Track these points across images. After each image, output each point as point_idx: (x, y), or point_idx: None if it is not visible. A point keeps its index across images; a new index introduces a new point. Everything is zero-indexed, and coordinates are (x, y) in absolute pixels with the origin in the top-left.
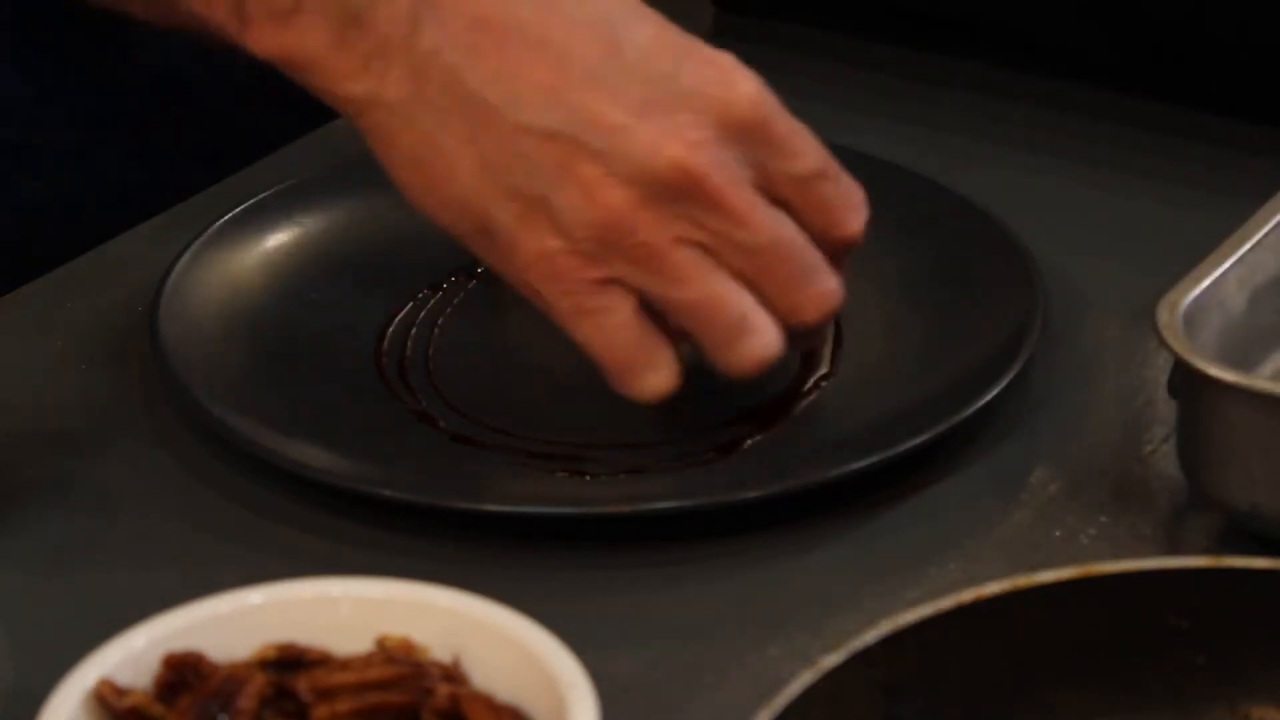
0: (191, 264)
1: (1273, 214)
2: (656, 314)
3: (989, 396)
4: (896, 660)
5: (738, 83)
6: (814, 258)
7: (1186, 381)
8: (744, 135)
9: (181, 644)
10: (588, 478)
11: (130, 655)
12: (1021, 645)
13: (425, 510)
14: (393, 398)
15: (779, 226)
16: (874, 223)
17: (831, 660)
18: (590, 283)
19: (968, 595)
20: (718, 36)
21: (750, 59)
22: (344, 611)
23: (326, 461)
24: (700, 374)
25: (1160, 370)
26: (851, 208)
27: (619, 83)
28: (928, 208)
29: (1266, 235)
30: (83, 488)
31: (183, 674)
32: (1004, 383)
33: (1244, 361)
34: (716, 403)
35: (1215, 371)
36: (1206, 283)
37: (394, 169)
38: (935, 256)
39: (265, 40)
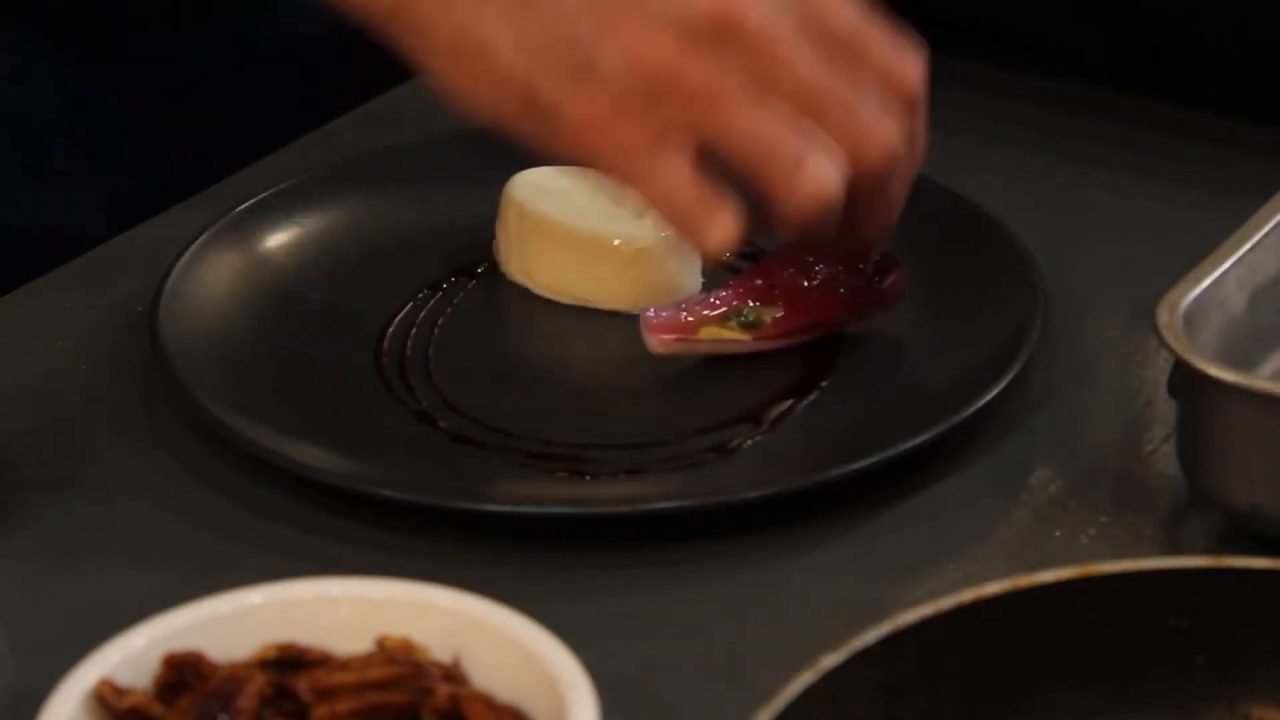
0: (191, 264)
1: (1273, 214)
2: (716, 172)
3: (989, 396)
4: (896, 660)
5: None
6: (868, 102)
7: (1186, 381)
8: None
9: (181, 644)
10: (588, 478)
11: (130, 655)
12: (1021, 645)
13: (425, 510)
14: (393, 398)
15: (826, 69)
16: None
17: (831, 660)
18: (644, 143)
19: (968, 595)
20: None
21: None
22: (344, 611)
23: (326, 461)
24: (700, 375)
25: (1160, 370)
26: (900, 55)
27: None
28: (928, 208)
29: (1266, 235)
30: (83, 487)
31: (183, 674)
32: (1004, 383)
33: (1244, 361)
34: (716, 403)
35: (1215, 371)
36: (1206, 283)
37: (434, 63)
38: (935, 256)
39: None
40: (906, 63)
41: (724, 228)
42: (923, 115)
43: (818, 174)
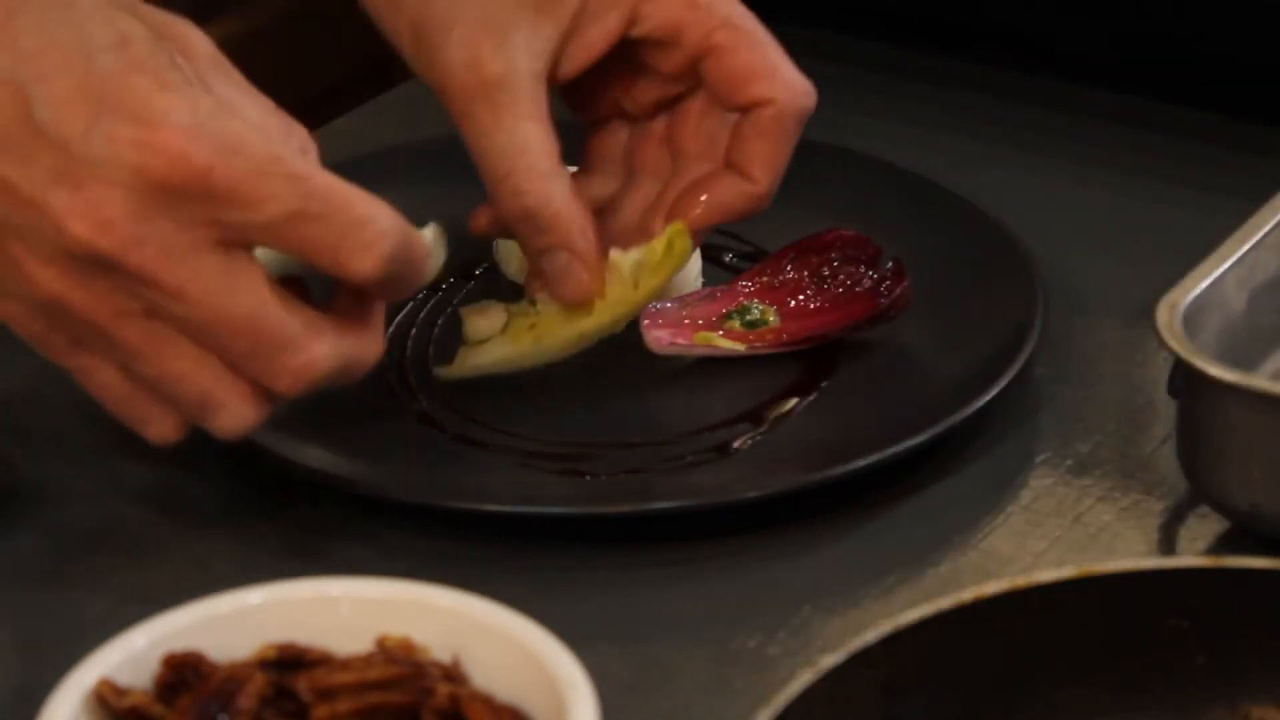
0: None
1: (1273, 214)
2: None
3: (989, 396)
4: (896, 660)
5: (157, 141)
6: (283, 327)
7: (1186, 381)
8: (176, 196)
9: (181, 644)
10: (588, 478)
11: (130, 655)
12: (1021, 645)
13: (425, 510)
14: (393, 398)
15: (230, 298)
16: (874, 223)
17: (831, 660)
18: (63, 347)
19: (968, 595)
20: None
21: None
22: (344, 611)
23: (327, 461)
24: (700, 375)
25: (1160, 370)
26: (353, 245)
27: (28, 150)
28: (928, 208)
29: (1266, 235)
30: (82, 487)
31: (183, 674)
32: (1004, 383)
33: (1244, 361)
34: (716, 403)
35: (1215, 371)
36: (1206, 283)
37: None
38: (935, 256)
39: None
40: (356, 250)
41: (159, 430)
42: None
43: (228, 415)
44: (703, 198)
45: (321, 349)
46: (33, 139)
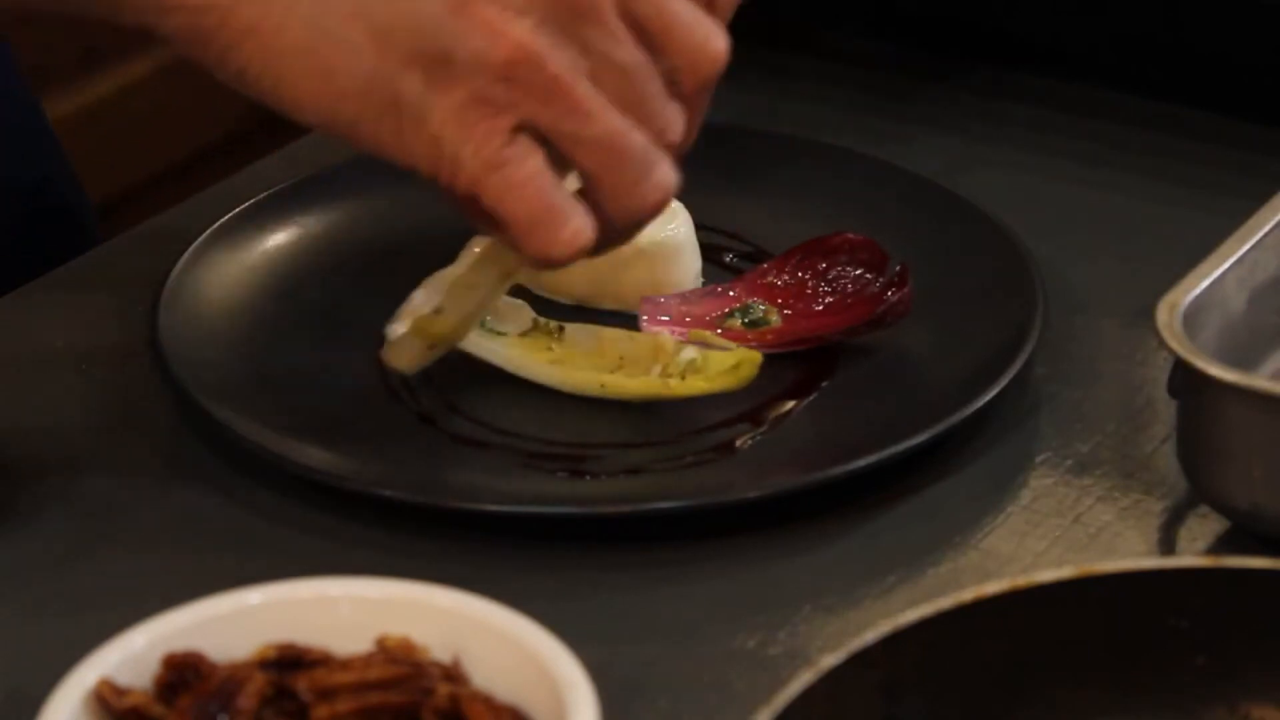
0: (191, 264)
1: (1273, 214)
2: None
3: (989, 396)
4: (896, 660)
5: None
6: (665, 93)
7: (1186, 381)
8: None
9: (181, 644)
10: (588, 478)
11: (130, 655)
12: (1021, 645)
13: (425, 510)
14: (393, 398)
15: (640, 56)
16: (875, 223)
17: (831, 660)
18: (501, 132)
19: (967, 595)
20: None
21: (751, 59)
22: (344, 611)
23: (326, 461)
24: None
25: (1160, 370)
26: (705, 33)
27: None
28: (928, 208)
29: (1266, 235)
30: (83, 488)
31: (183, 674)
32: (1004, 383)
33: (1244, 361)
34: (716, 403)
35: (1215, 371)
36: (1206, 283)
37: (282, 73)
38: (935, 256)
39: None
40: (706, 34)
41: (577, 231)
42: (709, 96)
43: (663, 179)
44: None
45: (679, 117)
46: None
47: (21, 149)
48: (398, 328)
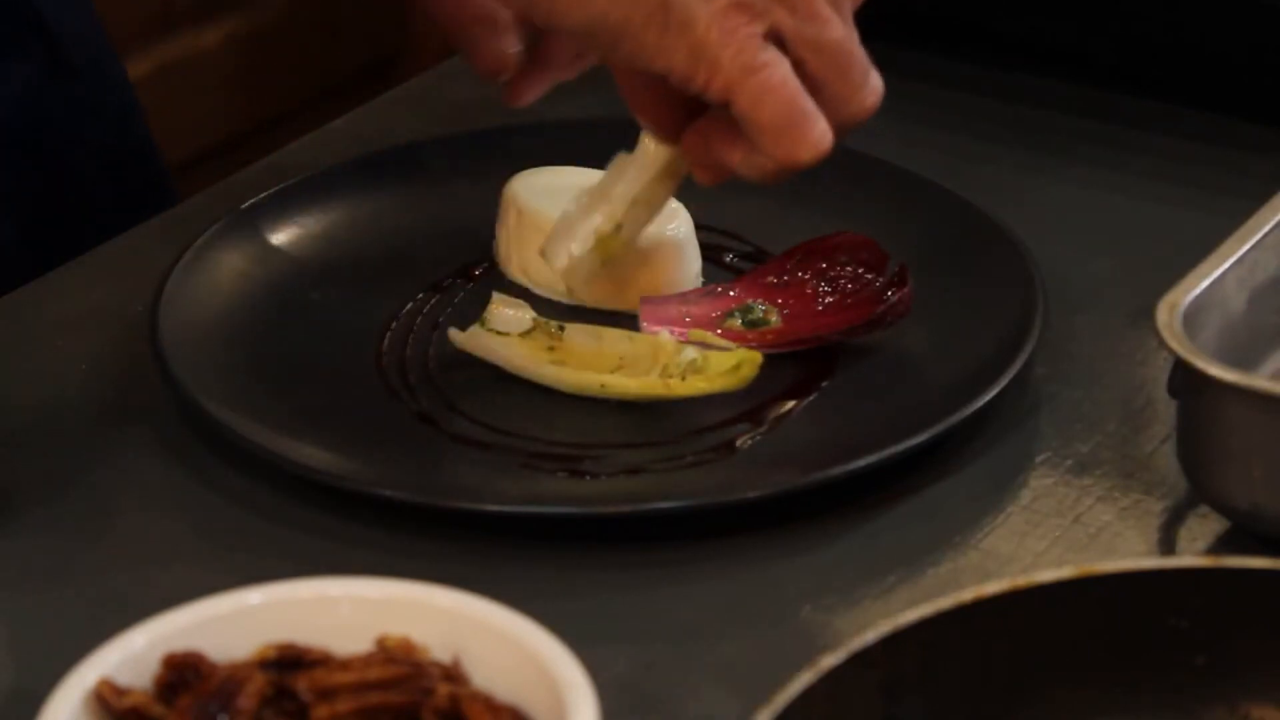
0: (191, 264)
1: (1273, 214)
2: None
3: (989, 396)
4: (896, 660)
5: None
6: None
7: (1186, 381)
8: None
9: (181, 644)
10: (588, 478)
11: (130, 655)
12: (1021, 645)
13: (425, 510)
14: (393, 398)
15: None
16: (875, 223)
17: (831, 660)
18: (758, 37)
19: (967, 595)
20: None
21: None
22: (344, 611)
23: (326, 461)
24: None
25: (1160, 370)
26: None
27: None
28: (928, 208)
29: (1266, 235)
30: (83, 487)
31: (183, 674)
32: (1004, 383)
33: (1244, 361)
34: (716, 403)
35: (1215, 371)
36: (1206, 283)
37: None
38: (935, 256)
39: None
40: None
41: (824, 133)
42: None
43: (878, 85)
44: None
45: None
46: None
47: (109, 110)
48: (561, 250)
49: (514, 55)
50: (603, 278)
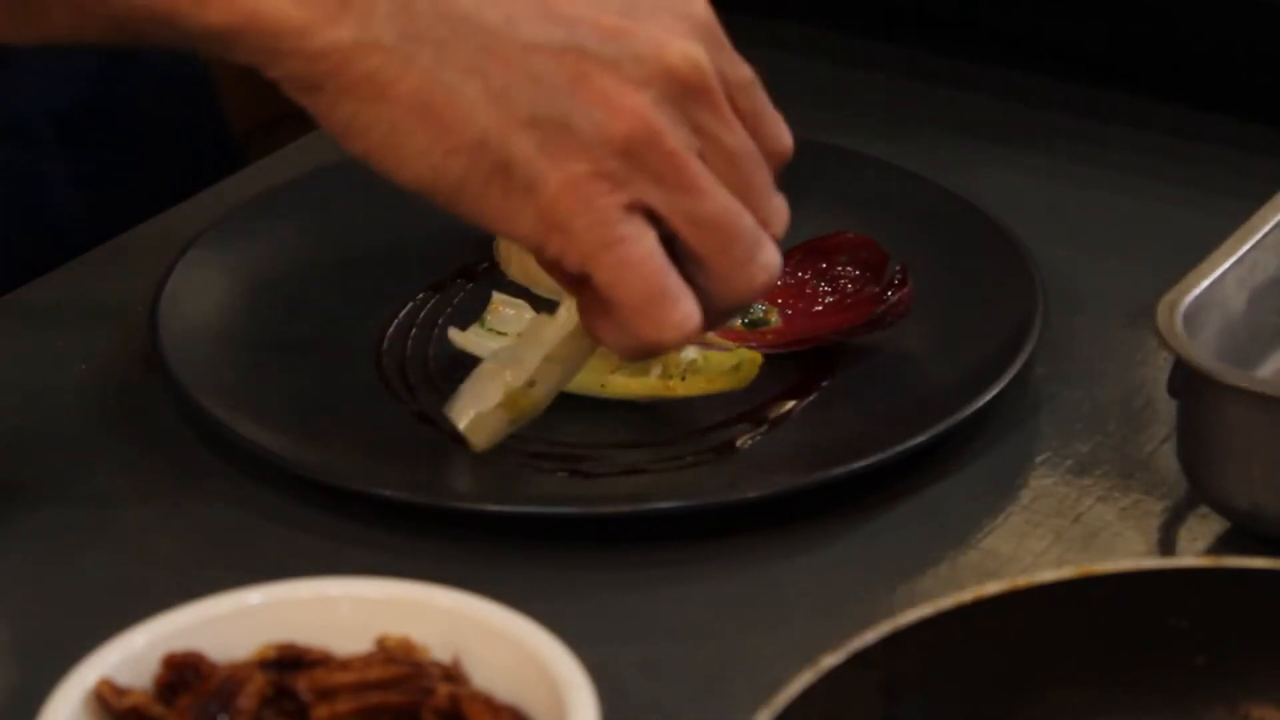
0: (191, 264)
1: (1273, 214)
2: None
3: (989, 396)
4: (896, 660)
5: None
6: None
7: (1186, 381)
8: (707, 36)
9: (181, 644)
10: (588, 478)
11: (130, 655)
12: (1021, 645)
13: (425, 510)
14: (393, 398)
15: (764, 134)
16: (875, 223)
17: (831, 660)
18: (617, 208)
19: (967, 595)
20: None
21: (750, 59)
22: (344, 611)
23: (326, 461)
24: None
25: (1160, 370)
26: (777, 119)
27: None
28: (928, 208)
29: (1266, 235)
30: (82, 487)
31: (183, 674)
32: (1004, 383)
33: (1244, 361)
34: (716, 403)
35: (1215, 372)
36: (1206, 283)
37: (395, 122)
38: (935, 256)
39: (224, 8)
40: (782, 128)
41: (688, 314)
42: None
43: (769, 261)
44: None
45: (782, 201)
46: None
47: (180, 77)
48: (468, 405)
49: None
50: None
